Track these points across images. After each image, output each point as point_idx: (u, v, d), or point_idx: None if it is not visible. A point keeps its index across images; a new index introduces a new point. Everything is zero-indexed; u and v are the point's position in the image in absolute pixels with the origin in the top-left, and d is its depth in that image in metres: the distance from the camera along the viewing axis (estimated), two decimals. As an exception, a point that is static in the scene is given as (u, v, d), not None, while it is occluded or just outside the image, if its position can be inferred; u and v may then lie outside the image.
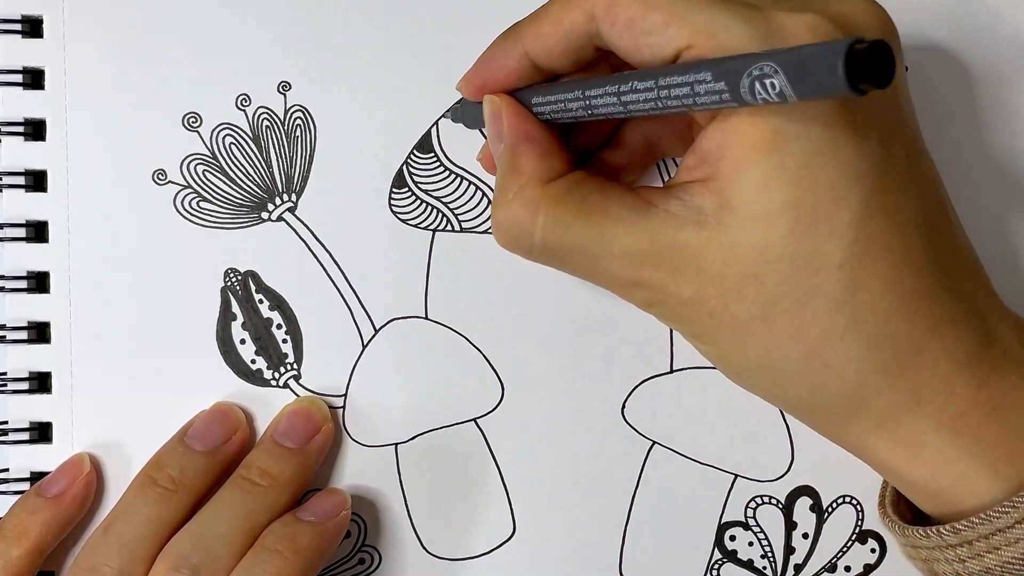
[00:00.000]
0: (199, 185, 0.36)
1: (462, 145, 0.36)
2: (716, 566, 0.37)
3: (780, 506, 0.37)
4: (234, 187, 0.36)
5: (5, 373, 0.35)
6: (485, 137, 0.33)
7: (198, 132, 0.35)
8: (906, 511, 0.32)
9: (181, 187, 0.36)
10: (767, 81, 0.22)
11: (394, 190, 0.36)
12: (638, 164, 0.34)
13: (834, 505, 0.37)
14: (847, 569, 0.37)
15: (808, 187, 0.25)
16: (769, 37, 0.25)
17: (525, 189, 0.29)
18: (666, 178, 0.36)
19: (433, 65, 0.36)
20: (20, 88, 0.35)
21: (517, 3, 0.36)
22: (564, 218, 0.28)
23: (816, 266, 0.26)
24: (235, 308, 0.36)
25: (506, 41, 0.30)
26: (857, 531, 0.37)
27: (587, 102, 0.28)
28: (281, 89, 0.36)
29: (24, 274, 0.35)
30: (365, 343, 0.36)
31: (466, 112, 0.34)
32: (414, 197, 0.36)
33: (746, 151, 0.25)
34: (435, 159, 0.36)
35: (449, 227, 0.36)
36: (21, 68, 0.35)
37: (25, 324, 0.35)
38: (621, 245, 0.27)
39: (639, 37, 0.27)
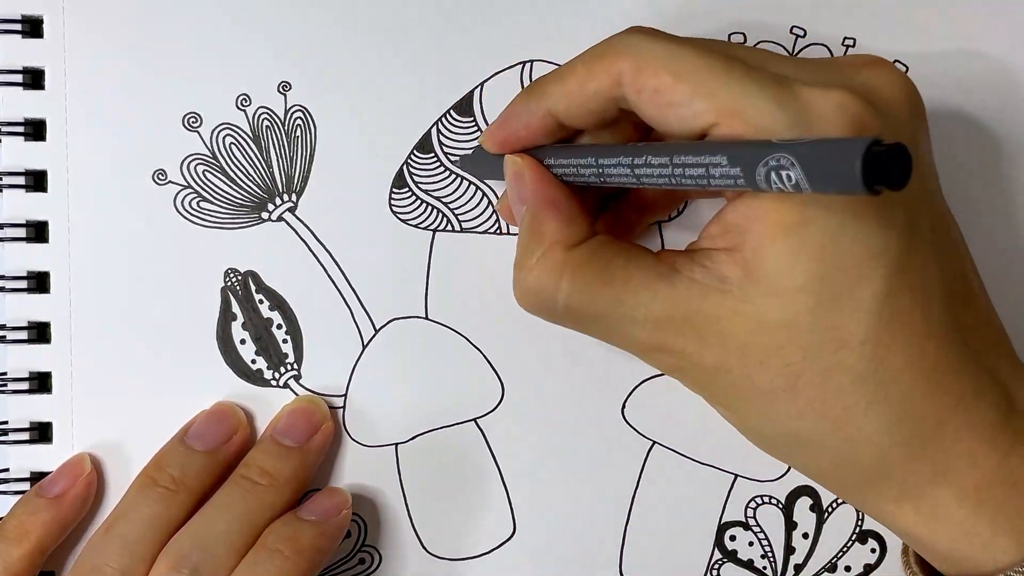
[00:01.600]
0: (199, 185, 0.36)
1: (463, 146, 0.36)
2: (716, 566, 0.37)
3: (780, 506, 0.37)
4: (234, 187, 0.36)
5: (5, 373, 0.35)
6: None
7: (198, 132, 0.35)
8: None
9: (181, 187, 0.35)
10: (783, 173, 0.22)
11: (394, 190, 0.36)
12: (662, 206, 0.34)
13: (834, 505, 0.37)
14: (847, 569, 0.37)
15: (832, 264, 0.25)
16: (797, 116, 0.25)
17: (548, 255, 0.29)
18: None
19: (433, 66, 0.36)
20: (20, 88, 0.35)
21: (516, 4, 0.36)
22: (588, 284, 0.28)
23: (839, 342, 0.26)
24: (235, 308, 0.36)
25: (530, 98, 0.30)
26: (857, 531, 0.37)
27: (600, 170, 0.28)
28: (281, 89, 0.36)
29: (24, 274, 0.35)
30: (365, 343, 0.36)
31: (478, 162, 0.34)
32: (414, 197, 0.36)
33: (771, 228, 0.25)
34: (435, 159, 0.36)
35: (449, 227, 0.36)
36: (21, 68, 0.35)
37: (25, 324, 0.35)
38: (645, 311, 0.27)
39: (665, 108, 0.27)
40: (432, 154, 0.36)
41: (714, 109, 0.26)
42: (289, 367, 0.36)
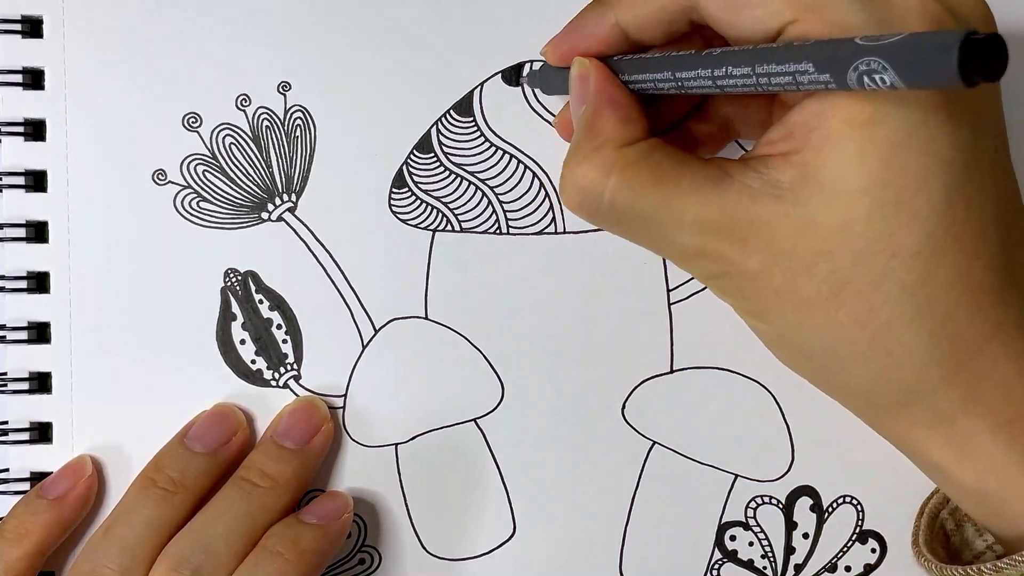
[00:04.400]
0: (199, 185, 0.36)
1: (463, 146, 0.36)
2: (716, 566, 0.37)
3: (780, 506, 0.37)
4: (234, 187, 0.36)
5: (5, 373, 0.35)
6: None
7: (198, 132, 0.35)
8: (940, 549, 0.32)
9: (181, 187, 0.35)
10: (876, 76, 0.22)
11: (394, 190, 0.36)
12: (718, 139, 0.33)
13: (834, 505, 0.37)
14: (847, 569, 0.37)
15: (897, 169, 0.25)
16: (878, 13, 0.25)
17: (600, 150, 0.28)
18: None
19: (433, 65, 0.36)
20: (20, 88, 0.35)
21: (516, 4, 0.36)
22: (636, 182, 0.27)
23: (892, 250, 0.25)
24: (235, 308, 0.36)
25: (597, 9, 0.30)
26: (857, 531, 0.37)
27: (679, 83, 0.27)
28: (281, 89, 0.36)
29: (24, 274, 0.35)
30: (365, 343, 0.36)
31: (544, 77, 0.34)
32: (414, 197, 0.36)
33: (840, 124, 0.25)
34: (435, 159, 0.36)
35: (449, 227, 0.36)
36: (21, 68, 0.35)
37: (25, 324, 0.35)
38: (692, 214, 0.27)
39: (740, 9, 0.26)
40: (432, 154, 0.36)
41: (791, 6, 0.25)
42: (289, 367, 0.36)
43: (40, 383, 0.35)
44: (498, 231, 0.36)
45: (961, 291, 0.26)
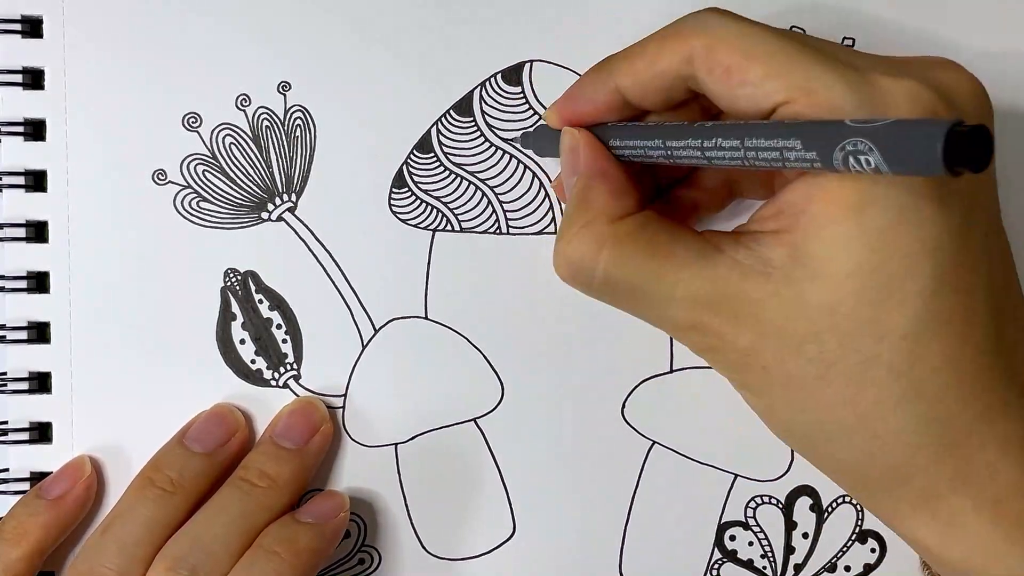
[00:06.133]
0: (199, 185, 0.36)
1: (462, 146, 0.36)
2: (716, 566, 0.37)
3: (780, 506, 0.37)
4: (234, 187, 0.36)
5: (5, 373, 0.35)
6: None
7: (198, 132, 0.35)
8: None
9: (181, 187, 0.35)
10: (861, 157, 0.22)
11: (394, 190, 0.36)
12: (714, 203, 0.33)
13: (834, 505, 0.37)
14: (847, 569, 0.37)
15: (885, 253, 0.25)
16: (869, 101, 0.25)
17: (592, 224, 0.29)
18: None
19: (433, 66, 0.36)
20: (20, 88, 0.35)
21: (517, 4, 0.36)
22: (628, 257, 0.28)
23: (880, 333, 0.26)
24: (235, 308, 0.36)
25: (599, 75, 0.30)
26: (857, 531, 0.37)
27: (668, 152, 0.28)
28: (281, 89, 0.36)
29: (24, 274, 0.35)
30: (365, 343, 0.36)
31: (539, 139, 0.34)
32: (414, 197, 0.36)
33: (829, 207, 0.25)
34: (435, 159, 0.36)
35: (449, 227, 0.36)
36: (21, 68, 0.35)
37: (25, 324, 0.35)
38: (684, 289, 0.27)
39: (736, 87, 0.26)
40: (432, 154, 0.36)
41: (785, 88, 0.25)
42: (289, 367, 0.36)
43: (40, 383, 0.35)
44: (498, 231, 0.36)
45: (950, 376, 0.26)
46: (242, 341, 0.36)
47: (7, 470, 0.35)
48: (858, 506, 0.37)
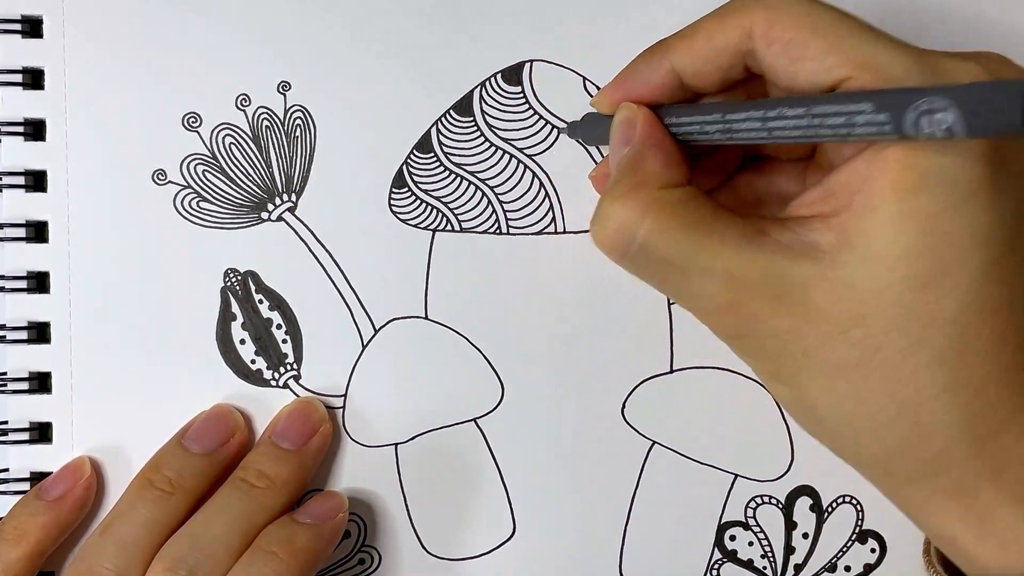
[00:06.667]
0: (199, 185, 0.36)
1: (462, 146, 0.36)
2: (716, 566, 0.37)
3: (780, 506, 0.37)
4: (234, 187, 0.36)
5: (5, 373, 0.35)
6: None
7: (198, 132, 0.35)
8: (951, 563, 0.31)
9: (181, 187, 0.35)
10: (936, 116, 0.22)
11: (394, 190, 0.36)
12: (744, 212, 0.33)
13: (834, 505, 0.37)
14: (847, 569, 0.37)
15: (938, 237, 0.25)
16: (933, 76, 0.25)
17: (639, 189, 0.28)
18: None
19: (433, 66, 0.36)
20: (20, 88, 0.35)
21: (517, 4, 0.36)
22: (671, 226, 0.27)
23: (928, 318, 0.25)
24: (235, 308, 0.36)
25: (653, 55, 0.30)
26: (857, 531, 0.37)
27: (727, 126, 0.27)
28: (281, 89, 0.36)
29: (24, 274, 0.35)
30: (365, 343, 0.36)
31: (587, 127, 0.34)
32: (414, 197, 0.36)
33: (885, 189, 0.25)
34: (435, 159, 0.36)
35: (449, 227, 0.36)
36: (21, 68, 0.35)
37: (25, 324, 0.35)
38: (724, 265, 0.27)
39: (796, 62, 0.26)
40: (432, 154, 0.36)
41: (848, 63, 0.25)
42: (289, 367, 0.36)
43: (40, 383, 0.35)
44: (498, 231, 0.36)
45: (992, 367, 0.26)
46: (242, 341, 0.36)
47: (7, 470, 0.35)
48: (858, 506, 0.37)
